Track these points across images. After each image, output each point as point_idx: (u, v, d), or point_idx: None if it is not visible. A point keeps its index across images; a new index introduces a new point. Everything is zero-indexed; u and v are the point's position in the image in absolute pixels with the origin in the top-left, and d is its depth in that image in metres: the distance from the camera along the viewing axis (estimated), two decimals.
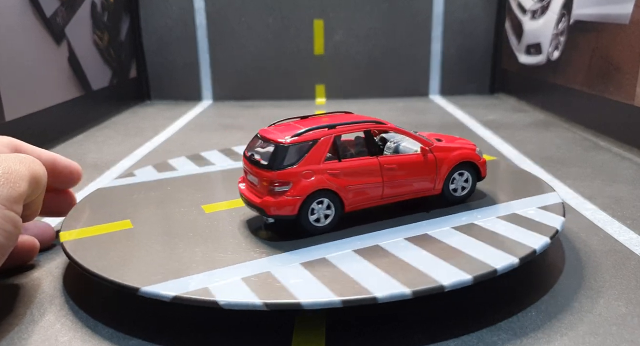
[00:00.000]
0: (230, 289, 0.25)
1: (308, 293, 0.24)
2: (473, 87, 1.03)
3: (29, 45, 0.62)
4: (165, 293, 0.25)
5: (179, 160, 0.47)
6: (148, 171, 0.44)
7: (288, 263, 0.28)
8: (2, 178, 0.26)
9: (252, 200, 0.31)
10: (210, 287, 0.25)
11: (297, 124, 0.33)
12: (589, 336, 0.24)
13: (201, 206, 0.36)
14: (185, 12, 0.98)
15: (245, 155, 0.33)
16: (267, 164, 0.30)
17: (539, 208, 0.34)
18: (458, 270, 0.26)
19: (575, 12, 0.72)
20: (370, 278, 0.26)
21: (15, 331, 0.26)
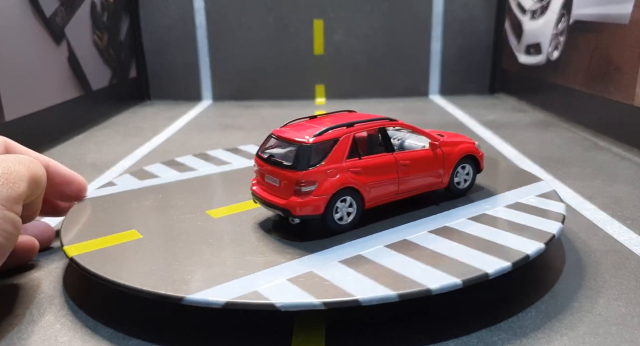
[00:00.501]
0: (280, 291, 0.25)
1: (362, 290, 0.24)
2: (473, 87, 1.03)
3: (28, 45, 0.62)
4: (215, 299, 0.24)
5: (155, 167, 0.45)
6: (128, 179, 0.42)
7: (326, 262, 0.28)
8: (1, 178, 0.26)
9: (273, 201, 0.31)
10: (260, 290, 0.25)
11: (311, 124, 0.33)
12: (589, 336, 0.24)
13: (206, 211, 0.35)
14: (185, 12, 0.98)
15: (260, 156, 0.33)
16: (292, 164, 0.30)
17: (537, 196, 0.36)
18: (498, 259, 0.27)
19: (575, 12, 0.72)
20: (415, 270, 0.26)
21: (15, 332, 0.26)
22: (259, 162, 0.32)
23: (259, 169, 0.33)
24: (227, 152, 0.51)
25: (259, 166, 0.33)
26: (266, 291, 0.25)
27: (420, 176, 0.34)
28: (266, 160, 0.32)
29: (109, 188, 0.40)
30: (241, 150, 0.52)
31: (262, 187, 0.33)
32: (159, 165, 0.46)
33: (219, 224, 0.33)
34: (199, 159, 0.48)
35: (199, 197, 0.38)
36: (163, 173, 0.44)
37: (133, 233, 0.32)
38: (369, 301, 0.24)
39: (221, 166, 0.46)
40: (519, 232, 0.30)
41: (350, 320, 0.26)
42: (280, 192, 0.31)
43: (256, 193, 0.33)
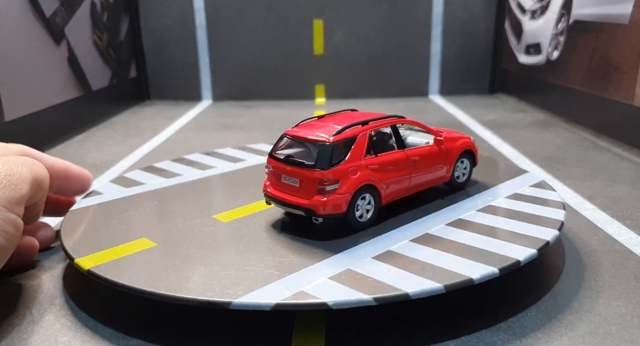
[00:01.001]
0: (326, 289, 0.25)
1: (407, 284, 0.25)
2: (473, 87, 1.03)
3: (28, 45, 0.62)
4: (266, 302, 0.24)
5: (136, 173, 0.44)
6: (113, 188, 0.40)
7: (359, 258, 0.28)
8: (3, 180, 0.26)
9: (295, 202, 0.31)
10: (306, 290, 0.25)
11: (323, 123, 0.33)
12: (589, 336, 0.24)
13: (213, 216, 0.34)
14: (185, 12, 0.98)
15: (276, 157, 0.32)
16: (314, 164, 0.30)
17: (531, 186, 0.38)
18: (523, 247, 0.28)
19: (575, 12, 0.72)
20: (449, 262, 0.27)
21: (15, 332, 0.26)
22: (275, 163, 0.32)
23: (273, 170, 0.32)
24: (206, 156, 0.49)
25: (274, 167, 0.32)
26: (312, 290, 0.25)
27: (428, 171, 0.35)
28: (284, 161, 0.32)
29: (97, 197, 0.38)
30: (219, 153, 0.50)
31: (278, 188, 0.32)
32: (140, 172, 0.44)
33: (232, 228, 0.32)
34: (179, 164, 0.47)
35: (198, 202, 0.37)
36: (148, 180, 0.42)
37: (145, 242, 0.31)
38: (418, 294, 0.24)
39: (205, 170, 0.45)
40: (531, 220, 0.32)
41: (350, 320, 0.26)
42: (302, 192, 0.31)
43: (272, 195, 0.32)
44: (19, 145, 0.33)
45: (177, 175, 0.43)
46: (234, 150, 0.52)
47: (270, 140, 0.66)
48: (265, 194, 0.33)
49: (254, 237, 0.31)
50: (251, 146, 0.53)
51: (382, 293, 0.24)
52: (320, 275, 0.26)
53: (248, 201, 0.37)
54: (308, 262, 0.28)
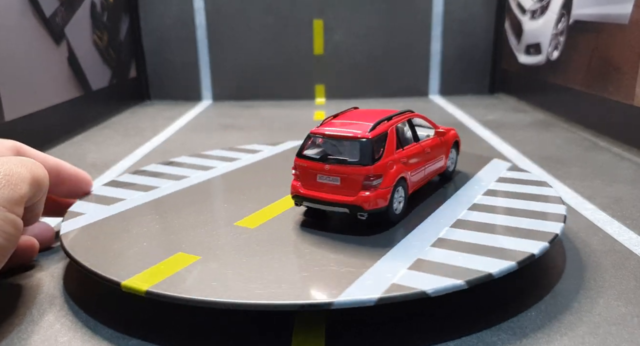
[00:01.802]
0: (414, 279, 0.25)
1: (483, 265, 0.26)
2: (473, 87, 1.03)
3: (28, 45, 0.62)
4: (367, 297, 0.23)
5: (109, 190, 0.39)
6: (93, 207, 0.36)
7: (421, 247, 0.29)
8: (3, 180, 0.26)
9: (337, 200, 0.31)
10: (396, 282, 0.25)
11: (348, 120, 0.34)
12: (589, 336, 0.24)
13: (235, 224, 0.33)
14: (185, 12, 0.98)
15: (308, 156, 0.32)
16: (358, 160, 0.30)
17: (508, 170, 0.42)
18: (533, 241, 0.29)
19: (575, 12, 0.72)
20: (503, 242, 0.29)
21: (15, 332, 0.26)
22: (309, 163, 0.32)
23: (306, 171, 0.32)
24: (163, 165, 0.46)
25: (307, 167, 0.32)
26: (403, 281, 0.25)
27: (435, 162, 0.38)
28: (321, 160, 0.31)
29: (82, 217, 0.34)
30: (176, 162, 0.47)
31: (314, 187, 0.32)
32: (110, 189, 0.40)
33: (265, 233, 0.32)
34: (168, 167, 0.45)
35: (209, 210, 0.35)
36: (129, 195, 0.38)
37: (185, 256, 0.29)
38: (499, 273, 0.25)
39: (182, 181, 0.42)
40: (535, 216, 0.33)
41: (350, 320, 0.26)
42: (344, 189, 0.31)
43: (307, 195, 0.32)
44: (11, 141, 0.33)
45: (170, 180, 0.42)
46: (222, 151, 0.51)
47: (271, 140, 0.66)
48: (296, 196, 0.32)
49: (294, 239, 0.30)
50: (240, 146, 0.53)
51: (470, 277, 0.25)
52: (398, 266, 0.26)
53: (260, 204, 0.36)
54: (374, 257, 0.28)
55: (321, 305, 0.23)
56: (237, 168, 0.45)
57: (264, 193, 0.39)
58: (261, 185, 0.40)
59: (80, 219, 0.34)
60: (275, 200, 0.37)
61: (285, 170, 0.43)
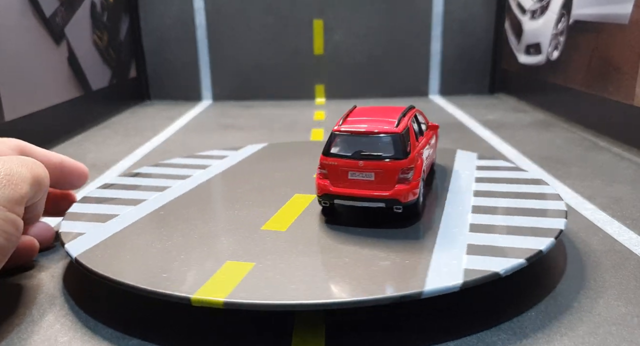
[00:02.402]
0: (480, 262, 0.26)
1: (528, 243, 0.28)
2: (473, 87, 1.03)
3: (28, 45, 0.62)
4: (452, 284, 0.25)
5: (122, 179, 0.40)
6: (87, 225, 0.33)
7: (459, 233, 0.30)
8: (3, 180, 0.26)
9: (372, 195, 0.31)
10: (467, 267, 0.26)
11: (366, 117, 0.34)
12: (589, 336, 0.24)
13: (261, 228, 0.32)
14: (185, 12, 0.98)
15: (339, 155, 0.32)
16: (393, 155, 0.31)
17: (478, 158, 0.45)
18: (539, 238, 0.30)
19: (575, 12, 0.72)
20: (531, 223, 0.31)
21: (15, 332, 0.26)
22: (339, 161, 0.32)
23: (336, 169, 0.32)
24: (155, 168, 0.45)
25: (338, 165, 0.32)
26: (473, 266, 0.26)
27: (433, 155, 0.41)
28: (353, 157, 0.32)
29: (90, 235, 0.31)
30: (142, 173, 0.44)
31: (345, 185, 0.32)
32: (125, 178, 0.41)
33: (299, 233, 0.31)
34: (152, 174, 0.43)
35: (221, 218, 0.34)
36: (120, 210, 0.36)
37: (237, 264, 0.27)
38: (547, 249, 0.28)
39: (167, 191, 0.40)
40: (535, 214, 0.33)
41: (350, 320, 0.26)
42: (379, 184, 0.31)
43: (339, 193, 0.32)
44: (14, 139, 0.33)
45: (154, 192, 0.39)
46: (187, 158, 0.48)
47: (271, 140, 0.66)
48: (325, 195, 0.32)
49: (332, 237, 0.30)
50: (202, 153, 0.50)
51: (525, 255, 0.27)
52: (457, 253, 0.28)
53: (272, 208, 0.36)
54: (426, 247, 0.29)
55: (412, 295, 0.24)
56: (216, 174, 0.44)
57: (267, 196, 0.38)
58: (259, 189, 0.40)
59: (89, 237, 0.31)
60: (283, 202, 0.37)
61: (268, 173, 0.44)
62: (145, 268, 0.27)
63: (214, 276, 0.26)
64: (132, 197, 0.38)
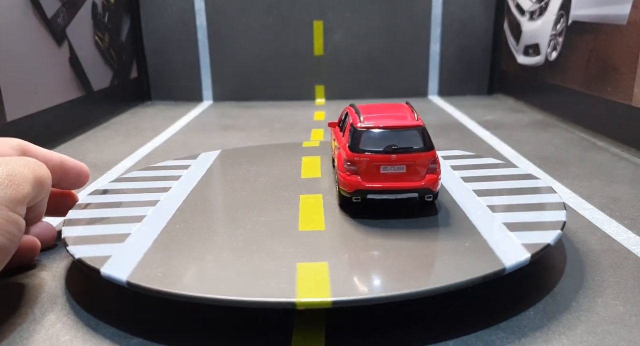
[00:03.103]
0: (529, 237, 0.29)
1: (556, 215, 0.32)
2: (471, 88, 1.03)
3: (30, 46, 0.62)
4: (525, 257, 0.26)
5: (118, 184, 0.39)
6: (110, 247, 0.30)
7: (486, 216, 0.33)
8: (5, 180, 0.26)
9: (406, 186, 0.33)
10: (522, 242, 0.28)
11: (380, 113, 0.35)
12: (587, 336, 0.25)
13: (299, 230, 0.32)
14: (185, 12, 0.98)
15: (371, 150, 0.33)
16: (423, 146, 0.33)
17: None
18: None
19: (573, 13, 0.72)
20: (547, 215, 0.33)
21: (17, 331, 0.26)
22: (372, 156, 0.33)
23: (368, 164, 0.33)
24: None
25: (371, 160, 0.33)
26: (525, 241, 0.28)
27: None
28: (385, 151, 0.33)
29: (127, 245, 0.30)
30: (113, 189, 0.41)
31: (379, 179, 0.33)
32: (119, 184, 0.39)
33: (340, 230, 0.32)
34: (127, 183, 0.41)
35: (246, 226, 0.33)
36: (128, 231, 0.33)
37: (310, 265, 0.27)
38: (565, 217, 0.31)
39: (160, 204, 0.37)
40: (534, 208, 0.34)
41: (350, 320, 0.27)
42: (411, 176, 0.33)
43: (373, 188, 0.33)
44: (16, 139, 0.33)
45: (145, 206, 0.37)
46: (146, 171, 0.45)
47: (271, 140, 0.66)
48: (357, 191, 0.33)
49: (376, 230, 0.31)
50: (158, 164, 0.47)
51: (560, 226, 0.30)
52: (504, 233, 0.30)
53: (291, 209, 0.35)
54: (471, 229, 0.31)
55: (496, 273, 0.25)
56: (198, 183, 0.41)
57: (274, 200, 0.37)
58: (259, 195, 0.38)
59: (124, 258, 0.28)
60: (295, 203, 0.36)
61: (251, 178, 0.42)
62: (221, 279, 0.26)
63: (299, 279, 0.26)
64: (131, 213, 0.35)
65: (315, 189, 0.39)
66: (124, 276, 0.26)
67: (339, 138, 0.38)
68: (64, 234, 0.31)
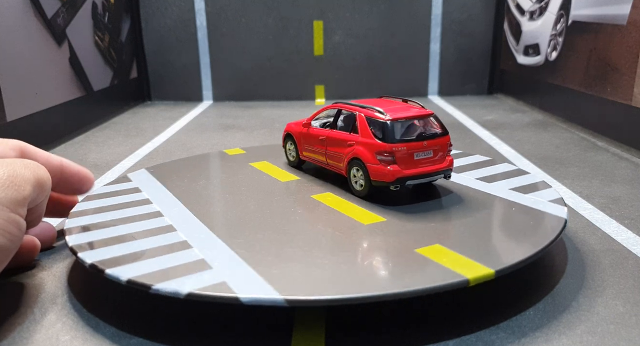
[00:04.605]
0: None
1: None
2: (471, 88, 1.03)
3: (30, 46, 0.62)
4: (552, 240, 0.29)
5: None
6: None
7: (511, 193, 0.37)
8: (6, 181, 0.26)
9: (435, 169, 0.36)
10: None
11: (386, 106, 0.38)
12: (587, 335, 0.25)
13: (364, 223, 0.33)
14: (185, 12, 0.98)
15: (404, 139, 0.35)
16: (442, 132, 0.36)
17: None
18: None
19: (573, 12, 0.72)
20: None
21: (17, 331, 0.26)
22: (407, 145, 0.35)
23: (405, 152, 0.35)
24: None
25: (408, 148, 0.35)
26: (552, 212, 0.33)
27: None
28: (418, 139, 0.35)
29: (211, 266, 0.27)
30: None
31: (413, 165, 0.35)
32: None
33: (401, 218, 0.33)
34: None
35: (301, 227, 0.32)
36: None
37: (429, 248, 0.29)
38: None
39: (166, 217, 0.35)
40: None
41: (350, 320, 0.27)
42: (436, 159, 0.36)
43: (410, 174, 0.35)
44: (15, 141, 0.33)
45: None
46: (110, 186, 0.41)
47: (271, 141, 0.66)
48: (398, 179, 0.35)
49: (435, 216, 0.33)
50: (130, 175, 0.44)
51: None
52: (546, 200, 0.34)
53: (320, 208, 0.35)
54: (509, 204, 0.35)
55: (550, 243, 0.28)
56: (182, 199, 0.38)
57: (293, 203, 0.36)
58: (269, 200, 0.37)
59: (212, 272, 0.26)
60: (317, 203, 0.36)
61: (236, 189, 0.39)
62: (355, 277, 0.25)
63: (438, 260, 0.27)
64: (154, 226, 0.32)
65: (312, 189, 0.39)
66: (245, 295, 0.24)
67: (335, 135, 0.39)
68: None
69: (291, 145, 0.46)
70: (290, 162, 0.46)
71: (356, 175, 0.37)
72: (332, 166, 0.40)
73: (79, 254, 0.28)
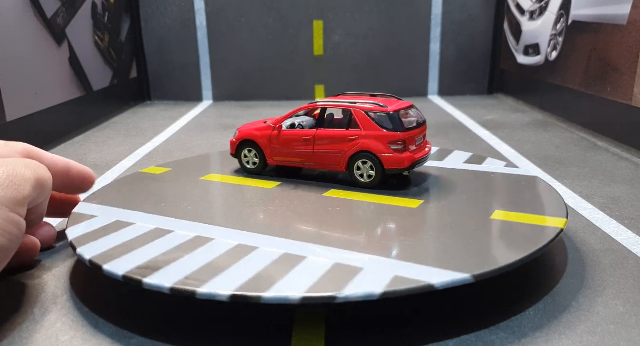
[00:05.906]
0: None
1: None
2: (472, 88, 1.03)
3: (30, 46, 0.62)
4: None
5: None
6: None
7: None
8: (6, 181, 0.26)
9: (428, 152, 0.40)
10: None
11: (374, 101, 0.40)
12: (587, 335, 0.25)
13: (412, 207, 0.34)
14: (185, 12, 0.98)
15: (410, 127, 0.38)
16: (425, 120, 0.41)
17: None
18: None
19: (574, 12, 0.72)
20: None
21: (17, 331, 0.26)
22: (413, 132, 0.38)
23: (411, 139, 0.38)
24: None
25: (414, 135, 0.38)
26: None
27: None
28: (416, 127, 0.39)
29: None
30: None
31: (416, 150, 0.39)
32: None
33: (429, 205, 0.35)
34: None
35: (351, 224, 0.32)
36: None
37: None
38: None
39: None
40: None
41: (350, 319, 0.27)
42: (424, 144, 0.40)
43: (418, 158, 0.38)
44: (22, 144, 0.33)
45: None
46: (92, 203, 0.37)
47: None
48: (411, 165, 0.38)
49: (450, 200, 0.36)
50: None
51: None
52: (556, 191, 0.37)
53: (343, 204, 0.35)
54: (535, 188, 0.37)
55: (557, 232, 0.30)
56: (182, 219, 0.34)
57: (314, 204, 0.35)
58: (288, 204, 0.36)
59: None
60: (337, 201, 0.36)
61: (231, 197, 0.37)
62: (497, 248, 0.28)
63: (519, 221, 0.31)
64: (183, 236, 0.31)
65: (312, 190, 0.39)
66: (297, 295, 0.24)
67: (327, 134, 0.39)
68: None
69: (250, 151, 0.42)
70: (251, 169, 0.43)
71: (361, 168, 0.38)
72: (321, 165, 0.40)
73: (80, 253, 0.28)
